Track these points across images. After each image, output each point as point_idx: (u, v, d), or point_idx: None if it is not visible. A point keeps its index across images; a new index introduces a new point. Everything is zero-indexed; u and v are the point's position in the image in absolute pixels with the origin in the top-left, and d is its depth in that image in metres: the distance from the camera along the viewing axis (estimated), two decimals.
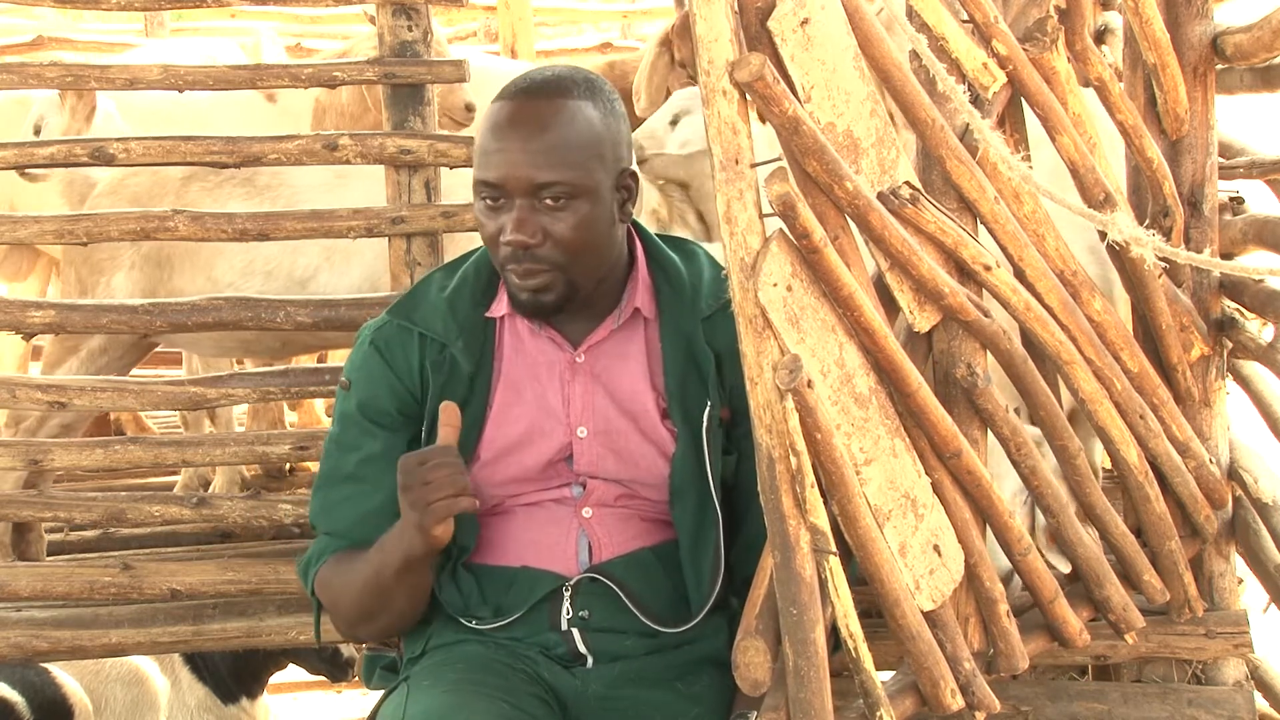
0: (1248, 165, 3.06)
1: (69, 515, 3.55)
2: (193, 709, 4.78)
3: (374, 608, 2.35)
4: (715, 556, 2.35)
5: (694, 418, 2.34)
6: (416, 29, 3.49)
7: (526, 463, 2.37)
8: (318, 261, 3.86)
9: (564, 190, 2.23)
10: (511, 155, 2.23)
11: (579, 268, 2.28)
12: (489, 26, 8.10)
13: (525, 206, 2.24)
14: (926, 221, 2.21)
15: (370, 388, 2.39)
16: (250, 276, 3.88)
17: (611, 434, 2.36)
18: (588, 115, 2.27)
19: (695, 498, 2.34)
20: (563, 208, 2.24)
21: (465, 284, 2.40)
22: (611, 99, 2.33)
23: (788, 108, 1.99)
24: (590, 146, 2.26)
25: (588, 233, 2.27)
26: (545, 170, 2.23)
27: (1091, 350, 2.43)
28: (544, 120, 2.25)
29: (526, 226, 2.23)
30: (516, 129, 2.25)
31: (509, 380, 2.38)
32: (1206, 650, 2.84)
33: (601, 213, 2.28)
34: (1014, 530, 2.39)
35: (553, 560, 2.36)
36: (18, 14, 7.53)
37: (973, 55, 2.30)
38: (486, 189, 2.26)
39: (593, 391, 2.37)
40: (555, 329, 2.37)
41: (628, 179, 2.32)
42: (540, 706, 2.28)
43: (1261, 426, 3.07)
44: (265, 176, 3.90)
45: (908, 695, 2.32)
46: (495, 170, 2.24)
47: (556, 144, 2.24)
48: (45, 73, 3.61)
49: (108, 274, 3.92)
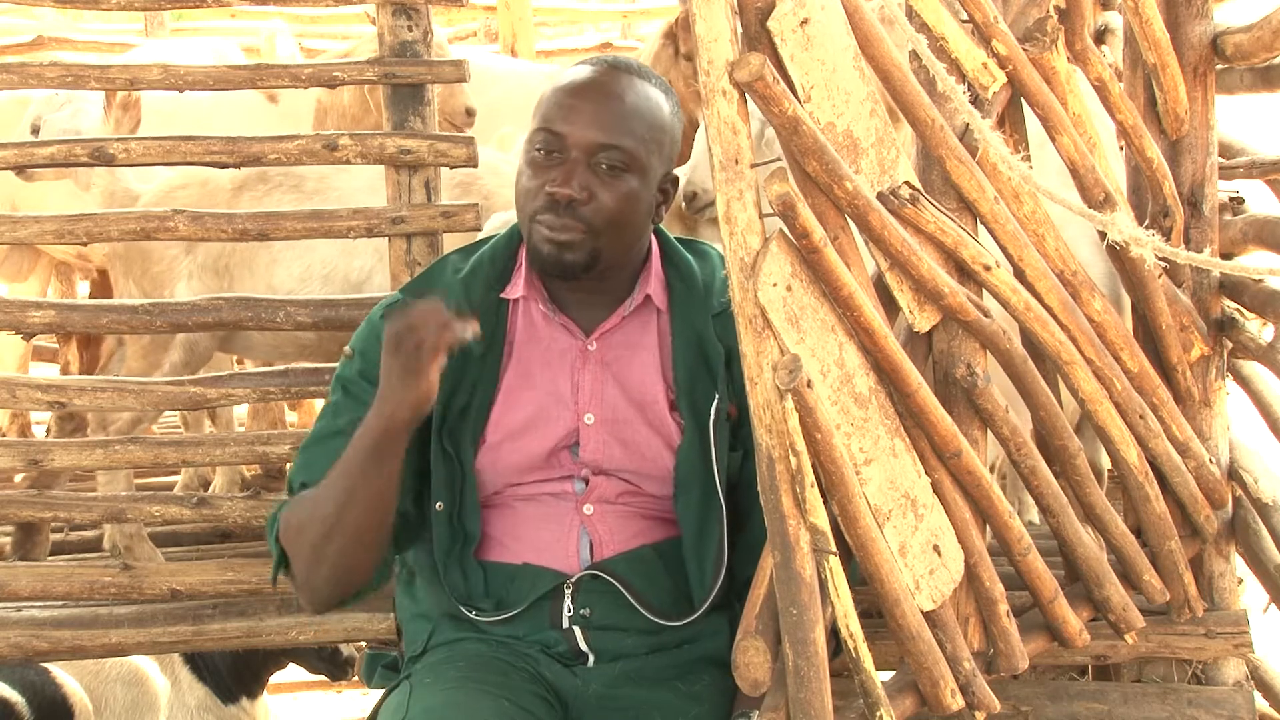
0: (1248, 165, 3.06)
1: (69, 515, 3.55)
2: (193, 709, 4.77)
3: (332, 523, 2.22)
4: (719, 550, 2.35)
5: (701, 411, 2.35)
6: (416, 29, 3.49)
7: (532, 448, 2.37)
8: (372, 263, 3.84)
9: (622, 159, 2.28)
10: (584, 112, 2.28)
11: (609, 239, 2.30)
12: (489, 26, 8.09)
13: (580, 163, 2.27)
14: (926, 221, 2.21)
15: (376, 354, 2.32)
16: (308, 281, 3.86)
17: (618, 423, 2.37)
18: (661, 104, 2.34)
19: (700, 491, 2.35)
20: (615, 176, 2.28)
21: (481, 267, 2.41)
22: (678, 104, 2.40)
23: (787, 108, 1.99)
24: (655, 130, 2.32)
25: (629, 207, 2.30)
26: (613, 133, 2.27)
27: (1091, 350, 2.43)
28: (622, 91, 2.30)
29: (576, 182, 2.27)
30: (594, 90, 2.30)
31: (519, 363, 2.38)
32: (1206, 650, 2.84)
33: (645, 195, 2.32)
34: (1014, 530, 2.39)
35: (554, 558, 2.36)
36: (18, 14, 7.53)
37: (972, 55, 2.30)
38: (546, 137, 2.29)
39: (602, 379, 2.38)
40: (568, 315, 2.38)
41: (668, 182, 2.37)
42: (541, 705, 2.28)
43: (1261, 426, 3.07)
44: (312, 182, 3.89)
45: (907, 695, 2.33)
46: (563, 122, 2.28)
47: (629, 114, 2.29)
48: (45, 73, 3.60)
49: (168, 285, 3.90)
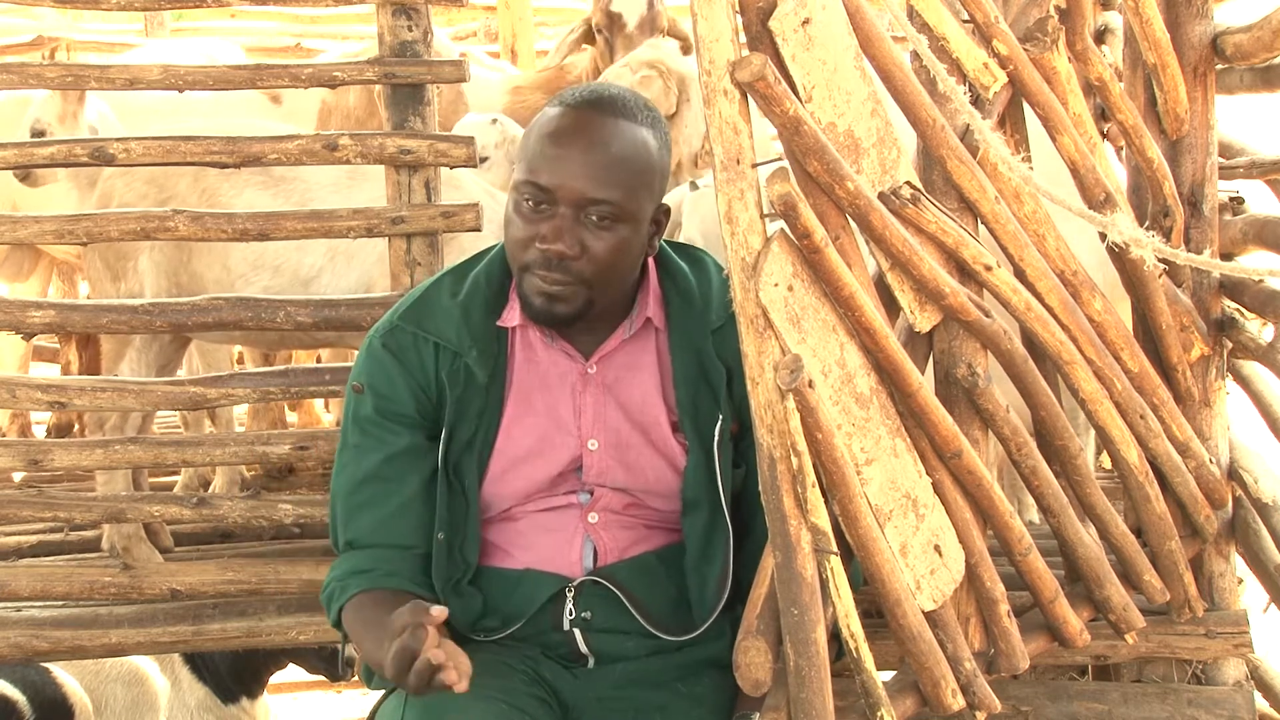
0: (1248, 165, 3.06)
1: (69, 515, 3.55)
2: (193, 709, 4.77)
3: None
4: (723, 568, 2.34)
5: (705, 433, 2.33)
6: (416, 29, 3.49)
7: (536, 475, 2.36)
8: (322, 262, 3.85)
9: (612, 211, 2.22)
10: (570, 165, 2.21)
11: (602, 288, 2.27)
12: (489, 26, 8.07)
13: (570, 217, 2.22)
14: (927, 222, 2.21)
15: (388, 388, 2.35)
16: (260, 270, 3.88)
17: (622, 446, 2.36)
18: (648, 143, 2.27)
19: (707, 511, 2.34)
20: (606, 228, 2.23)
21: (478, 291, 2.36)
22: (666, 133, 2.33)
23: (789, 108, 1.98)
24: (644, 174, 2.26)
25: (621, 257, 2.26)
26: (601, 188, 2.21)
27: (1092, 350, 2.43)
28: (607, 137, 2.23)
29: (568, 237, 2.21)
30: (578, 138, 2.23)
31: (520, 391, 2.36)
32: (1206, 650, 2.84)
33: (637, 241, 2.28)
34: (1015, 530, 2.39)
35: (557, 563, 2.36)
36: (18, 14, 7.52)
37: (973, 55, 2.30)
38: (533, 191, 2.23)
39: (604, 403, 2.36)
40: (567, 340, 2.36)
41: (661, 214, 2.32)
42: (540, 707, 2.28)
43: (1261, 426, 3.07)
44: (281, 169, 3.91)
45: (908, 695, 2.33)
46: (549, 175, 2.22)
47: (616, 163, 2.22)
48: (45, 73, 3.60)
49: (132, 258, 3.93)
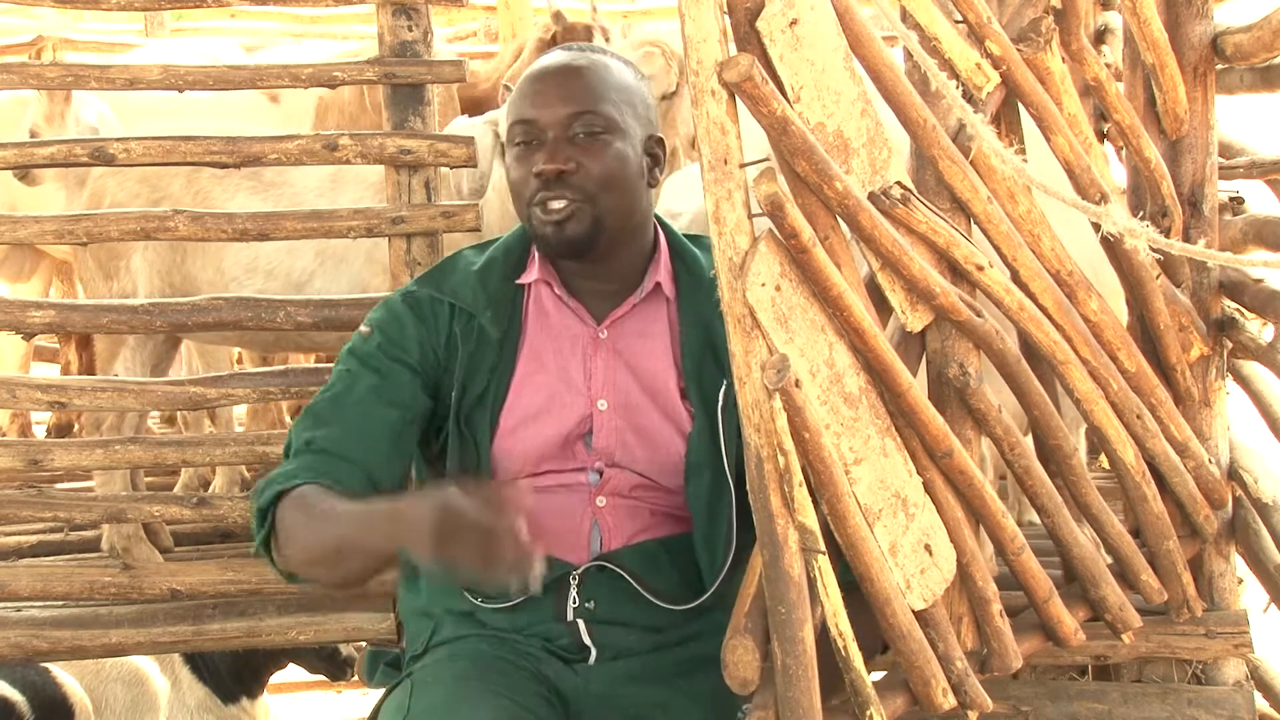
0: (1248, 165, 3.05)
1: (69, 515, 3.56)
2: (193, 709, 4.78)
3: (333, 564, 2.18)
4: (728, 534, 2.36)
5: (710, 398, 2.36)
6: (416, 29, 3.50)
7: (546, 433, 2.37)
8: (313, 265, 3.88)
9: (597, 122, 2.32)
10: (550, 92, 2.34)
11: (606, 202, 2.32)
12: (489, 26, 8.06)
13: (559, 139, 2.32)
14: (918, 222, 2.21)
15: (397, 333, 2.38)
16: (254, 273, 3.91)
17: (631, 409, 2.38)
18: (623, 69, 2.40)
19: (710, 477, 2.35)
20: (595, 140, 2.32)
21: (495, 261, 2.44)
22: (642, 74, 2.45)
23: (776, 108, 1.98)
24: (622, 90, 2.36)
25: (617, 166, 2.33)
26: (582, 101, 2.32)
27: (1087, 350, 2.42)
28: (581, 65, 2.37)
29: (559, 155, 2.31)
30: (555, 71, 2.37)
31: (532, 349, 2.40)
32: (1206, 650, 2.84)
33: (630, 154, 2.35)
34: (1007, 530, 2.38)
35: (563, 548, 2.36)
36: (18, 14, 7.52)
37: (966, 56, 2.29)
38: (522, 129, 2.34)
39: (614, 367, 2.39)
40: (580, 302, 2.40)
41: (655, 145, 2.40)
42: (542, 704, 2.28)
43: (1261, 426, 3.06)
44: (270, 173, 3.92)
45: (899, 694, 2.32)
46: (533, 108, 2.34)
47: (593, 81, 2.34)
48: (45, 73, 3.62)
49: (125, 257, 3.95)
